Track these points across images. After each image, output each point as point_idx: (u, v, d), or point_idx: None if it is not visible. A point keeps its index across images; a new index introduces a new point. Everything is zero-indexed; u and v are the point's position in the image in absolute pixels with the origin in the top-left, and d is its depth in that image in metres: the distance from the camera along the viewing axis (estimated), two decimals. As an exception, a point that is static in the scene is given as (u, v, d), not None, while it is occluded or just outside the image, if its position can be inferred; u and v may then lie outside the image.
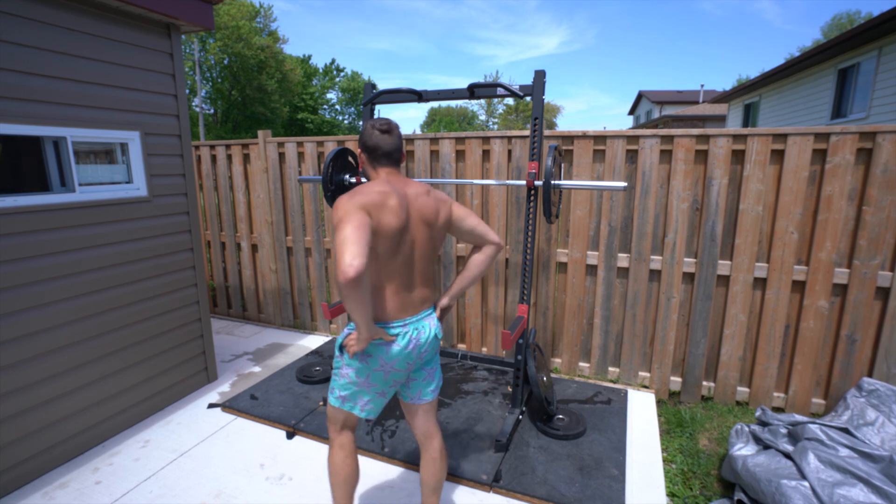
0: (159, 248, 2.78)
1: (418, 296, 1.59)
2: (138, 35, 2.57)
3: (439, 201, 1.61)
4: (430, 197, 1.58)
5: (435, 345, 1.68)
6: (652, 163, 2.90)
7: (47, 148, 2.27)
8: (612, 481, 2.17)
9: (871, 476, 1.83)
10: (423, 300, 1.62)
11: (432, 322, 1.64)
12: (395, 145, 1.58)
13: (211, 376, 3.21)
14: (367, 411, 1.64)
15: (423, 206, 1.55)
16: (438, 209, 1.59)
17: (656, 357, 3.11)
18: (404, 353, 1.55)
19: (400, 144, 1.61)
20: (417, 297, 1.59)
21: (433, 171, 3.47)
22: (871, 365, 2.68)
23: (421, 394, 1.70)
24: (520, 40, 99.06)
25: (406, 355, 1.56)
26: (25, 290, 2.16)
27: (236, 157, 4.15)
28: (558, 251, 3.25)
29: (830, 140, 2.54)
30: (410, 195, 1.54)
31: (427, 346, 1.62)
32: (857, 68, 8.66)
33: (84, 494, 2.15)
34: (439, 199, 1.62)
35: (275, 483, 2.22)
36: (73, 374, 2.37)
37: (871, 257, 2.58)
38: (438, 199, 1.62)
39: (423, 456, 1.76)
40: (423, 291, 1.61)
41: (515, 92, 2.55)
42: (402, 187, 1.54)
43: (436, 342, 1.67)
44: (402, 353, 1.54)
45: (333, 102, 38.36)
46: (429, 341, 1.62)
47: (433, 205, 1.57)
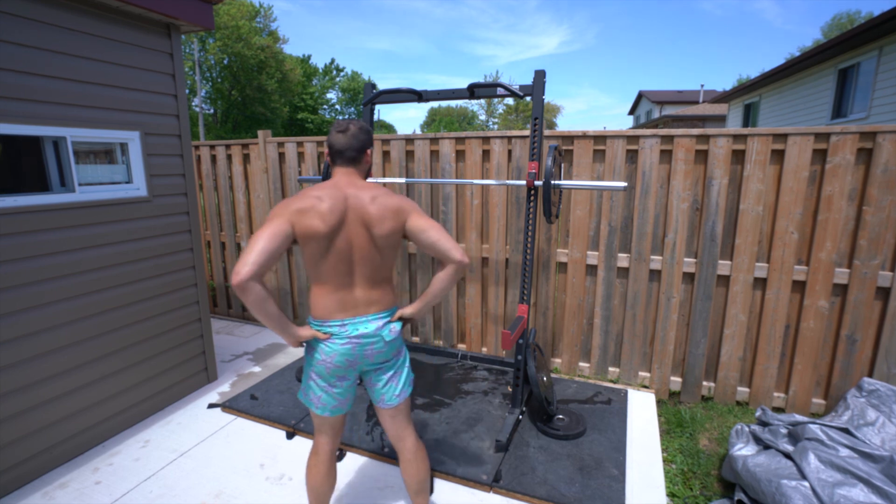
0: (159, 248, 2.78)
1: (361, 297, 1.57)
2: (138, 35, 2.57)
3: (388, 208, 1.54)
4: (376, 203, 1.53)
5: (387, 349, 1.63)
6: (652, 163, 2.89)
7: (47, 148, 2.27)
8: (612, 481, 2.17)
9: (871, 476, 1.83)
10: (370, 302, 1.58)
11: (380, 324, 1.59)
12: (346, 144, 1.59)
13: (211, 376, 3.21)
14: (321, 408, 1.67)
15: (364, 210, 1.52)
16: (384, 216, 1.53)
17: (656, 357, 3.11)
18: (341, 350, 1.56)
19: (354, 144, 1.59)
20: (360, 299, 1.57)
21: (433, 171, 3.47)
22: (871, 365, 2.68)
23: (385, 398, 1.70)
24: (520, 40, 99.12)
25: (344, 353, 1.57)
26: (25, 290, 2.16)
27: (236, 157, 4.15)
28: (558, 251, 3.25)
29: (831, 140, 2.54)
30: (352, 198, 1.53)
31: (373, 348, 1.60)
32: (857, 68, 8.66)
33: (84, 494, 2.15)
34: (389, 206, 1.54)
35: (275, 483, 2.22)
36: (73, 374, 2.37)
37: (871, 257, 2.58)
38: (388, 206, 1.54)
39: (399, 459, 1.79)
40: (368, 293, 1.58)
41: (515, 92, 2.55)
42: (347, 190, 1.54)
43: (388, 347, 1.63)
44: (340, 351, 1.56)
45: (333, 102, 38.36)
46: (374, 344, 1.59)
47: (377, 211, 1.52)
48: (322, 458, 1.72)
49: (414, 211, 1.59)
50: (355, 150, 1.61)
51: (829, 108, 9.51)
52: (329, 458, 1.74)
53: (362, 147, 1.62)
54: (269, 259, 1.40)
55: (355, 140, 1.60)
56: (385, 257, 1.60)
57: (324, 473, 1.72)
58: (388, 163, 3.60)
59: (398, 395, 1.71)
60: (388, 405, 1.71)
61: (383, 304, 1.62)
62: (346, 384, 1.66)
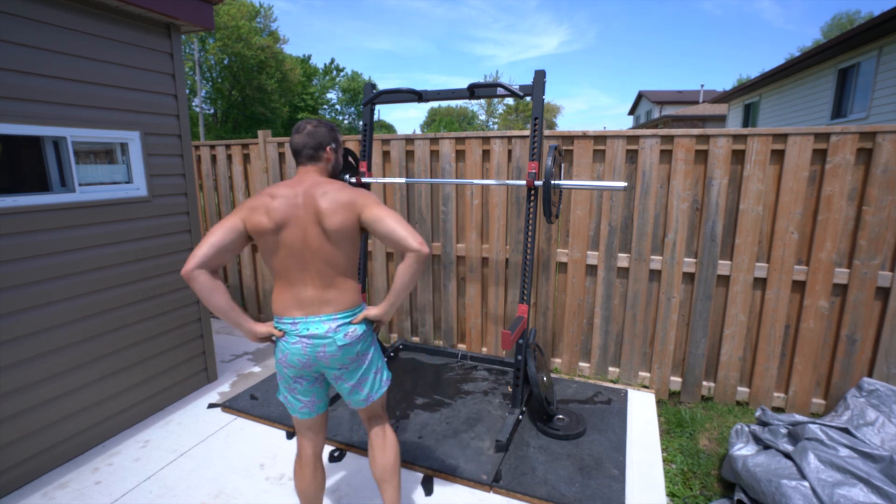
0: (159, 248, 2.78)
1: (314, 296, 1.54)
2: (138, 35, 2.57)
3: (338, 202, 1.51)
4: (326, 197, 1.51)
5: (342, 354, 1.57)
6: (652, 163, 2.90)
7: (47, 148, 2.27)
8: (612, 481, 2.17)
9: (871, 476, 1.83)
10: (323, 301, 1.55)
11: (332, 326, 1.54)
12: (302, 143, 1.61)
13: (211, 376, 3.21)
14: (290, 409, 1.68)
15: (315, 205, 1.51)
16: (334, 209, 1.50)
17: (656, 357, 3.11)
18: (293, 349, 1.55)
19: (309, 142, 1.61)
20: (313, 298, 1.55)
21: (433, 171, 3.47)
22: (871, 365, 2.68)
23: (351, 402, 1.70)
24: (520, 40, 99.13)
25: (296, 353, 1.55)
26: (26, 290, 2.16)
27: (236, 157, 4.15)
28: (558, 251, 3.25)
29: (830, 140, 2.54)
30: (305, 195, 1.53)
31: (325, 351, 1.55)
32: (857, 68, 8.66)
33: (84, 494, 2.15)
34: (340, 199, 1.51)
35: (275, 483, 2.22)
36: (74, 374, 2.37)
37: (871, 257, 2.58)
38: (338, 199, 1.51)
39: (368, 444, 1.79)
40: (322, 292, 1.55)
41: (515, 92, 2.55)
42: (302, 187, 1.55)
43: (343, 351, 1.56)
44: (291, 350, 1.55)
45: (333, 102, 38.38)
46: (326, 347, 1.54)
47: (327, 205, 1.50)
48: (305, 462, 1.70)
49: (369, 202, 1.54)
50: (311, 149, 1.62)
51: (828, 108, 9.51)
52: (312, 461, 1.71)
53: (319, 145, 1.62)
54: (218, 252, 1.48)
55: (311, 138, 1.61)
56: (340, 254, 1.54)
57: (309, 477, 1.70)
58: (388, 163, 3.60)
59: (364, 401, 1.68)
60: (355, 407, 1.72)
61: (339, 305, 1.56)
62: (306, 385, 1.64)
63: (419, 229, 3.58)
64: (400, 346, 3.65)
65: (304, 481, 1.71)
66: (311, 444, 1.72)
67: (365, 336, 1.62)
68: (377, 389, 1.70)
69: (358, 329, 1.59)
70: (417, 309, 3.78)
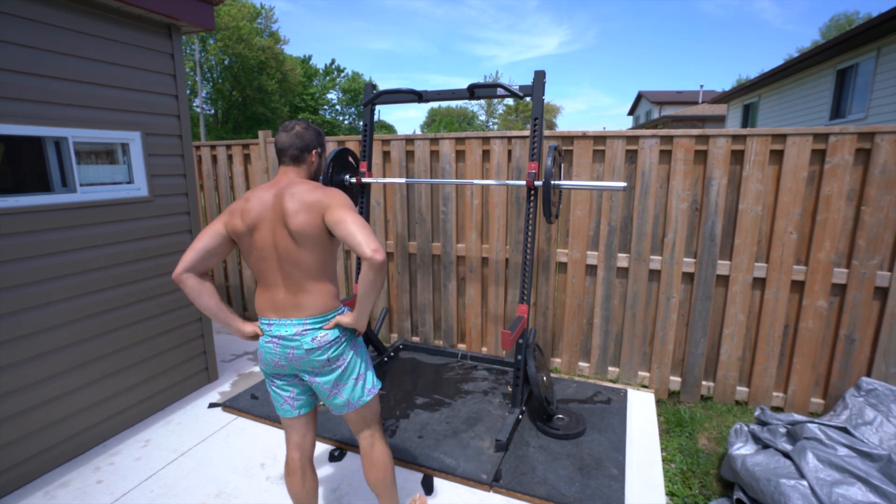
0: (160, 248, 2.79)
1: (285, 299, 1.54)
2: (139, 35, 2.58)
3: (304, 202, 1.47)
4: (294, 198, 1.48)
5: (310, 357, 1.54)
6: (651, 163, 2.90)
7: (48, 148, 2.27)
8: (612, 481, 2.18)
9: (869, 475, 1.84)
10: (294, 306, 1.53)
11: (299, 330, 1.52)
12: (288, 143, 1.60)
13: (211, 376, 3.22)
14: (275, 405, 1.69)
15: (283, 206, 1.49)
16: (298, 210, 1.47)
17: (656, 357, 3.11)
18: (266, 348, 1.57)
19: (296, 143, 1.60)
20: (285, 300, 1.54)
21: (433, 171, 3.48)
22: (869, 364, 2.69)
23: (332, 408, 1.66)
24: (520, 40, 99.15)
25: (269, 351, 1.57)
26: (26, 289, 2.17)
27: (237, 158, 4.15)
28: (558, 251, 3.26)
29: (829, 140, 2.55)
30: (274, 196, 1.52)
31: (293, 353, 1.53)
32: (855, 69, 8.67)
33: (85, 493, 2.15)
34: (306, 200, 1.48)
35: (275, 483, 2.22)
36: (74, 374, 2.38)
37: (869, 257, 2.58)
38: (304, 199, 1.48)
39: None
40: (293, 297, 1.53)
41: (515, 92, 2.56)
42: (275, 188, 1.55)
43: (311, 355, 1.53)
44: (266, 349, 1.58)
45: (334, 103, 38.40)
46: (294, 349, 1.53)
47: (292, 206, 1.47)
48: (292, 468, 1.70)
49: (335, 204, 1.47)
50: (297, 149, 1.61)
51: (827, 108, 9.53)
52: (300, 466, 1.70)
53: (306, 147, 1.62)
54: (204, 256, 1.53)
55: (298, 139, 1.61)
56: (311, 256, 1.50)
57: (298, 484, 1.69)
58: (389, 163, 3.61)
59: (344, 406, 1.63)
60: (336, 412, 1.66)
61: (310, 310, 1.53)
62: (282, 384, 1.64)
63: (419, 229, 3.59)
64: (400, 346, 3.66)
65: (294, 487, 1.70)
66: (297, 448, 1.70)
67: (338, 341, 1.57)
68: (359, 397, 1.64)
69: (329, 334, 1.55)
70: (417, 309, 3.78)
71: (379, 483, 1.71)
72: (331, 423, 2.64)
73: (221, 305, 1.57)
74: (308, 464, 1.73)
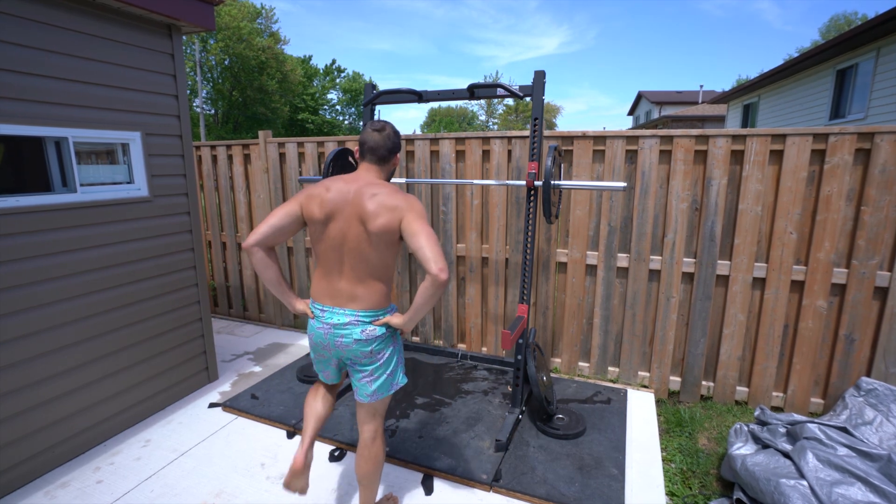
0: (160, 248, 2.79)
1: (344, 289, 1.64)
2: (139, 36, 2.58)
3: (384, 205, 1.55)
4: (375, 199, 1.56)
5: (357, 347, 1.65)
6: (651, 163, 2.91)
7: (49, 148, 2.28)
8: (612, 481, 2.18)
9: (869, 475, 1.84)
10: (352, 297, 1.64)
11: (352, 320, 1.63)
12: (380, 143, 1.68)
13: (212, 376, 3.22)
14: (317, 370, 1.87)
15: (363, 205, 1.57)
16: (378, 212, 1.55)
17: (656, 357, 3.12)
18: (317, 332, 1.70)
19: (387, 144, 1.69)
20: (343, 290, 1.64)
21: (433, 171, 3.48)
22: (869, 364, 2.69)
23: (357, 391, 1.77)
24: (520, 41, 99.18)
25: (319, 336, 1.70)
26: (27, 289, 2.17)
27: (237, 158, 4.16)
28: (558, 251, 3.26)
29: (829, 140, 2.55)
30: (358, 193, 1.60)
31: (342, 342, 1.66)
32: (855, 69, 8.68)
33: (85, 493, 2.15)
34: (386, 203, 1.56)
35: (275, 483, 2.22)
36: (75, 374, 2.38)
37: (869, 257, 2.59)
38: (385, 203, 1.56)
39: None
40: (352, 287, 1.63)
41: (515, 92, 2.56)
42: (359, 184, 1.63)
43: (359, 345, 1.64)
44: (316, 332, 1.71)
45: (334, 103, 38.37)
46: (343, 338, 1.65)
47: (373, 207, 1.55)
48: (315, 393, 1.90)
49: (411, 212, 1.56)
50: (386, 150, 1.70)
51: (827, 108, 9.53)
52: (323, 392, 1.90)
53: (394, 148, 1.72)
54: (276, 232, 1.64)
55: (389, 141, 1.70)
56: (377, 255, 1.60)
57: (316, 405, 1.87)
58: (389, 163, 3.61)
59: (369, 395, 1.73)
60: (357, 398, 1.78)
61: (366, 303, 1.64)
62: (324, 361, 1.79)
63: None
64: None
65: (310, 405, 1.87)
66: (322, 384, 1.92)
67: (383, 338, 1.69)
68: (385, 390, 1.75)
69: (377, 330, 1.66)
70: (417, 309, 3.78)
71: (367, 476, 1.79)
72: (331, 423, 2.64)
73: (282, 280, 1.73)
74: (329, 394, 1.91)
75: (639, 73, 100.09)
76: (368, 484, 1.80)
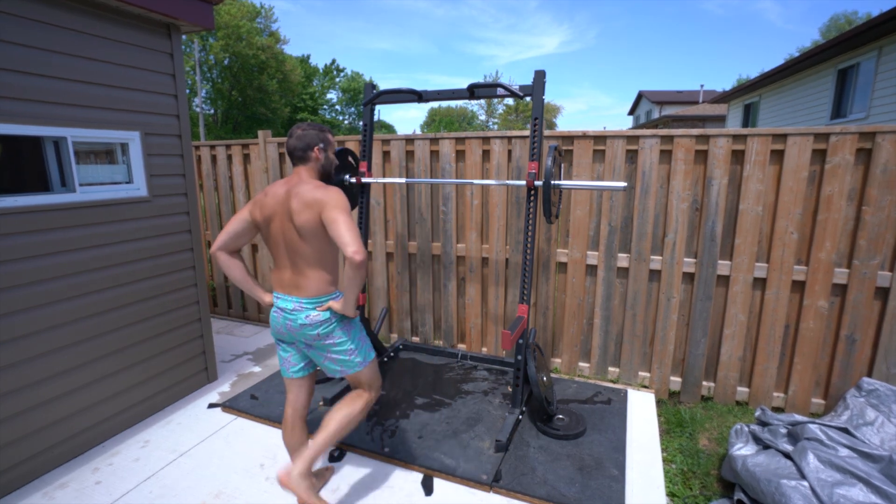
0: (159, 248, 2.78)
1: (289, 279, 1.83)
2: (138, 35, 2.58)
3: (304, 201, 1.71)
4: (297, 199, 1.72)
5: (303, 331, 1.81)
6: (652, 163, 2.90)
7: (48, 148, 2.27)
8: (612, 481, 2.17)
9: (870, 476, 1.84)
10: (294, 285, 1.81)
11: (296, 306, 1.80)
12: (292, 146, 1.84)
13: (211, 376, 3.22)
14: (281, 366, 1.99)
15: (288, 204, 1.74)
16: (300, 208, 1.71)
17: (656, 357, 3.11)
18: (273, 316, 1.88)
19: (298, 145, 1.83)
20: (288, 281, 1.83)
21: (433, 171, 3.47)
22: (870, 365, 2.68)
23: (327, 371, 1.92)
24: (520, 40, 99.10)
25: (274, 319, 1.88)
26: (26, 289, 2.16)
27: (236, 157, 4.15)
28: (558, 251, 3.25)
29: (830, 140, 2.55)
30: (284, 193, 1.78)
31: (291, 325, 1.81)
32: (856, 68, 8.66)
33: (84, 494, 2.15)
34: (306, 199, 1.71)
35: (275, 483, 2.22)
36: (73, 374, 2.37)
37: (870, 257, 2.58)
38: (305, 199, 1.71)
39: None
40: (295, 277, 1.81)
41: (515, 92, 2.55)
42: (287, 186, 1.80)
43: (304, 329, 1.80)
44: (273, 316, 1.88)
45: (333, 103, 38.39)
46: (291, 322, 1.81)
47: (295, 205, 1.72)
48: (285, 422, 2.00)
49: (330, 205, 1.69)
50: (301, 150, 1.84)
51: (828, 108, 9.52)
52: (290, 420, 1.99)
53: (307, 146, 1.84)
54: (232, 237, 1.88)
55: (299, 141, 1.84)
56: (311, 247, 1.75)
57: (288, 433, 2.00)
58: (389, 163, 3.60)
59: (339, 372, 1.91)
60: (331, 375, 1.95)
61: (308, 291, 1.80)
62: (284, 347, 1.94)
63: (419, 229, 3.59)
64: (400, 346, 3.65)
65: (286, 436, 2.01)
66: (290, 404, 2.00)
67: (328, 322, 1.82)
68: (352, 367, 1.91)
69: (321, 315, 1.80)
70: (417, 309, 3.78)
71: (332, 422, 1.88)
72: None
73: (247, 277, 1.94)
74: (299, 420, 2.00)
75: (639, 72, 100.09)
76: (325, 427, 1.87)
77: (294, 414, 1.99)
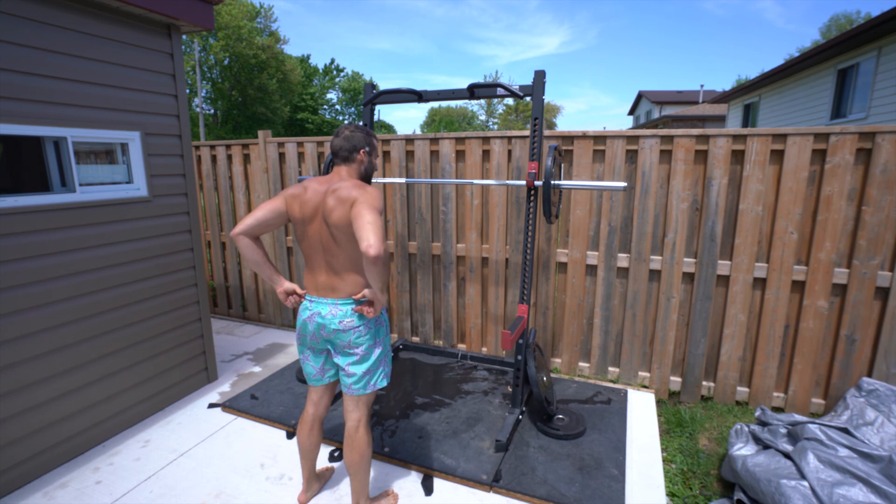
0: (159, 248, 2.78)
1: (323, 281, 1.79)
2: (139, 35, 2.58)
3: (340, 199, 1.67)
4: (333, 196, 1.69)
5: (335, 336, 1.78)
6: (652, 163, 2.90)
7: (48, 148, 2.27)
8: (612, 481, 2.17)
9: (870, 476, 1.84)
10: (329, 287, 1.78)
11: (331, 310, 1.76)
12: (338, 146, 1.82)
13: (211, 376, 3.22)
14: (305, 373, 1.94)
15: (325, 203, 1.71)
16: (335, 206, 1.67)
17: (656, 357, 3.11)
18: (305, 323, 1.83)
19: (345, 145, 1.81)
20: (322, 283, 1.79)
21: (433, 171, 3.47)
22: (870, 365, 2.68)
23: (342, 381, 1.87)
24: (521, 40, 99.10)
25: (305, 323, 1.83)
26: (26, 290, 2.16)
27: (236, 157, 4.15)
28: (558, 251, 3.25)
29: (830, 140, 2.55)
30: (323, 192, 1.73)
31: (325, 330, 1.78)
32: (856, 68, 8.66)
33: (84, 494, 2.15)
34: (342, 196, 1.68)
35: (275, 483, 2.22)
36: (74, 374, 2.37)
37: (870, 257, 2.58)
38: (341, 196, 1.68)
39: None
40: (328, 279, 1.78)
41: (515, 92, 2.55)
42: (326, 184, 1.75)
43: (337, 334, 1.77)
44: (303, 324, 1.84)
45: (334, 103, 38.39)
46: (325, 326, 1.77)
47: (332, 202, 1.69)
48: (305, 420, 1.99)
49: (360, 200, 1.64)
50: (347, 151, 1.81)
51: (828, 108, 9.52)
52: (310, 421, 1.98)
53: (354, 147, 1.81)
54: (261, 225, 1.78)
55: (346, 142, 1.81)
56: (344, 247, 1.72)
57: (306, 434, 1.99)
58: (389, 163, 3.60)
59: (349, 387, 1.84)
60: (344, 389, 1.87)
61: (343, 293, 1.77)
62: (312, 355, 1.89)
63: (419, 229, 3.59)
64: (400, 346, 3.65)
65: (302, 436, 1.99)
66: (313, 405, 1.99)
67: (362, 332, 1.79)
68: (362, 388, 1.83)
69: (355, 320, 1.77)
70: (417, 309, 3.78)
71: (354, 465, 1.87)
72: (331, 424, 2.63)
73: (267, 261, 1.83)
74: (318, 421, 2.00)
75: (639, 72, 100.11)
76: (356, 472, 1.88)
77: (315, 413, 1.99)
